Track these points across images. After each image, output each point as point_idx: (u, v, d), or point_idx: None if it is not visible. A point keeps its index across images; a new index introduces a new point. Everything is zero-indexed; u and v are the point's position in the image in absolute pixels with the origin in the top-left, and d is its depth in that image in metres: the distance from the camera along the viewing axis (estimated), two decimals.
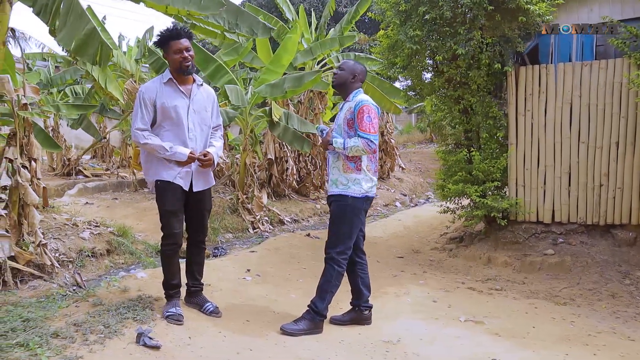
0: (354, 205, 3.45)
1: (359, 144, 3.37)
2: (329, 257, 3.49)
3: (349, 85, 3.58)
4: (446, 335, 3.52)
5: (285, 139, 7.59)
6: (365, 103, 3.43)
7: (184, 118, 3.37)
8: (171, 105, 3.34)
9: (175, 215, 3.43)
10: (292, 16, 9.24)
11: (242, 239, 7.07)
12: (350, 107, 3.48)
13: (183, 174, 3.39)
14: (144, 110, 3.33)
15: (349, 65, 3.60)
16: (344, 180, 3.47)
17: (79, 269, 5.02)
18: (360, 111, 3.40)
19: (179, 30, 3.35)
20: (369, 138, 3.36)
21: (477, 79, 5.33)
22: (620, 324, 3.86)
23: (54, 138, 10.50)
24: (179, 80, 3.40)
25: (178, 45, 3.31)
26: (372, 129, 3.38)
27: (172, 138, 3.35)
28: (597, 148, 5.21)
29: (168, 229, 3.42)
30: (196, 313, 3.55)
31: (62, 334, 2.87)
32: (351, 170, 3.46)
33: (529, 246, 5.40)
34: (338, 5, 20.35)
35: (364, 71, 3.65)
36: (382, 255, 5.90)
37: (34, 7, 4.07)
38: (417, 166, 13.87)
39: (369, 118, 3.39)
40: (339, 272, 3.48)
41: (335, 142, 3.45)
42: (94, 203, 7.82)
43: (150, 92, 3.35)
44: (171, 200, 3.40)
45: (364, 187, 3.46)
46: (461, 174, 5.55)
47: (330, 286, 3.48)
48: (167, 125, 3.36)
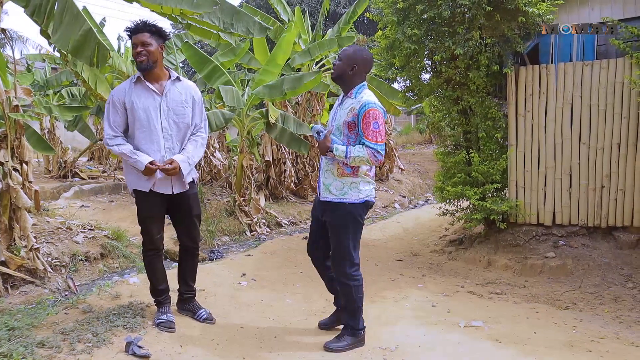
0: (353, 213, 3.12)
1: (364, 154, 2.98)
2: (339, 275, 3.22)
3: (348, 78, 3.14)
4: (446, 342, 3.43)
5: (283, 141, 7.51)
6: (371, 106, 3.00)
7: (155, 117, 3.19)
8: (140, 104, 3.16)
9: (152, 220, 3.31)
10: (287, 17, 9.17)
11: (239, 242, 6.99)
12: (353, 108, 3.06)
13: (160, 178, 3.22)
14: (114, 114, 3.17)
15: (347, 54, 3.14)
16: (339, 185, 3.13)
17: (72, 274, 4.94)
18: (366, 116, 2.98)
19: (138, 24, 3.17)
20: (376, 148, 2.98)
21: (476, 80, 5.25)
22: (624, 329, 3.77)
23: (50, 140, 10.45)
24: (149, 77, 3.22)
25: (134, 40, 3.15)
26: (379, 137, 2.99)
27: (145, 140, 3.18)
28: (598, 149, 5.13)
29: (147, 234, 3.33)
30: (189, 320, 3.46)
31: (48, 343, 2.78)
32: (347, 174, 3.12)
33: (530, 249, 5.31)
34: (336, 6, 20.30)
35: (367, 60, 3.16)
36: (380, 258, 5.82)
37: (27, 7, 3.99)
38: (416, 167, 13.79)
39: (377, 125, 2.98)
40: (357, 286, 3.20)
41: (336, 150, 3.03)
42: (89, 206, 7.74)
43: (120, 94, 3.18)
44: (149, 208, 3.28)
45: (362, 192, 3.13)
46: (460, 175, 5.47)
47: (356, 303, 3.22)
48: (139, 126, 3.18)
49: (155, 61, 3.17)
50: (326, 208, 3.21)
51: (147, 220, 3.31)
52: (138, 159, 3.13)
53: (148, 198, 3.26)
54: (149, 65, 3.15)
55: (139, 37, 3.14)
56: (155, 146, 3.20)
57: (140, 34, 3.14)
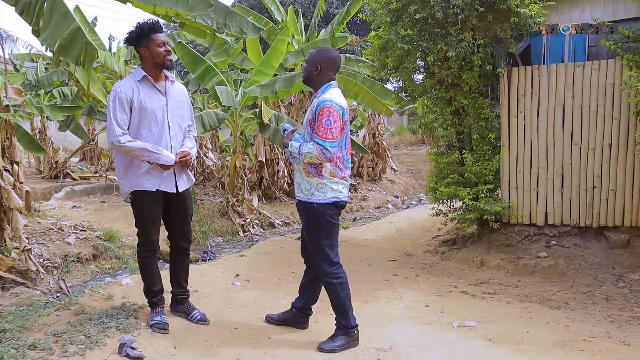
0: (324, 214, 3.12)
1: (313, 150, 2.99)
2: (322, 275, 3.23)
3: (315, 79, 3.15)
4: (439, 342, 3.44)
5: (276, 141, 7.51)
6: (327, 103, 2.99)
7: (164, 116, 3.21)
8: (149, 104, 3.16)
9: (154, 222, 3.30)
10: (281, 17, 9.16)
11: (232, 243, 6.97)
12: (313, 106, 3.09)
13: (166, 177, 3.23)
14: (121, 112, 3.11)
15: (310, 56, 3.17)
16: (307, 186, 3.14)
17: (64, 275, 4.91)
18: (321, 113, 2.99)
19: (158, 22, 3.20)
20: (324, 145, 2.96)
21: (469, 80, 5.27)
22: (615, 328, 3.80)
23: (41, 141, 10.36)
24: (154, 76, 3.23)
25: (162, 38, 3.16)
26: (329, 134, 2.97)
27: (153, 140, 3.17)
28: (589, 149, 5.17)
29: (145, 236, 3.29)
30: (182, 321, 3.44)
31: (40, 345, 2.75)
32: (312, 175, 3.12)
33: (522, 249, 5.34)
34: (329, 7, 20.31)
35: (332, 58, 3.15)
36: (373, 258, 5.83)
37: (16, 6, 3.95)
38: (409, 168, 13.83)
39: (329, 122, 2.97)
40: (340, 284, 3.21)
41: (290, 146, 3.08)
42: (81, 206, 7.69)
43: (127, 92, 3.13)
44: (152, 209, 3.25)
45: (329, 193, 3.11)
46: (453, 176, 5.49)
47: (343, 301, 3.21)
48: (146, 125, 3.16)
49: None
50: (301, 208, 3.26)
51: (149, 222, 3.27)
52: (163, 153, 3.13)
53: (152, 198, 3.22)
54: (173, 65, 3.24)
55: (163, 36, 3.19)
56: (163, 145, 3.20)
57: (162, 33, 3.20)
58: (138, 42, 3.18)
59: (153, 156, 3.12)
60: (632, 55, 4.78)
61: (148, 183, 3.19)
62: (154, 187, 3.20)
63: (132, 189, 3.21)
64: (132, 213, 3.33)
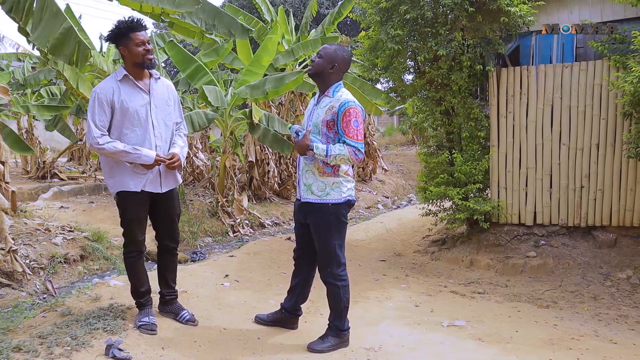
0: (337, 214, 3.11)
1: (345, 152, 2.98)
2: (327, 277, 3.20)
3: (327, 76, 3.13)
4: (429, 341, 3.44)
5: (266, 142, 7.48)
6: (351, 105, 3.02)
7: (147, 115, 3.17)
8: (131, 103, 3.12)
9: (140, 222, 3.27)
10: (271, 17, 9.14)
11: (222, 243, 6.93)
12: (332, 107, 3.06)
13: (151, 178, 3.20)
14: (100, 113, 3.07)
15: (328, 52, 3.13)
16: (321, 186, 3.11)
17: (51, 276, 4.85)
18: (347, 114, 3.00)
19: (139, 21, 3.15)
20: (357, 147, 2.98)
21: (459, 81, 5.29)
22: (603, 327, 3.83)
23: (28, 140, 10.24)
24: (136, 75, 3.19)
25: (141, 37, 3.11)
26: (359, 135, 3.00)
27: (136, 139, 3.13)
28: (577, 150, 5.21)
29: (131, 236, 3.26)
30: (171, 322, 3.41)
31: (25, 347, 2.70)
32: (328, 174, 3.10)
33: (511, 248, 5.37)
34: (319, 7, 20.29)
35: (347, 60, 3.19)
36: (363, 258, 5.83)
37: (4, 4, 3.89)
38: (399, 168, 13.85)
39: (357, 123, 3.00)
40: (344, 286, 3.20)
41: (316, 148, 3.01)
42: (69, 207, 7.60)
43: (107, 92, 3.09)
44: (137, 209, 3.22)
45: (344, 191, 3.11)
46: (443, 176, 5.50)
47: (342, 303, 3.21)
48: (129, 125, 3.13)
49: (155, 59, 3.23)
50: (309, 210, 3.19)
51: (134, 222, 3.24)
52: (142, 153, 3.09)
53: (137, 199, 3.19)
54: (154, 64, 3.19)
55: (145, 35, 3.15)
56: (147, 145, 3.16)
57: (144, 32, 3.15)
58: (117, 41, 3.14)
59: (131, 157, 3.08)
60: (618, 57, 4.82)
61: (133, 183, 3.16)
62: (139, 188, 3.17)
63: (119, 188, 3.18)
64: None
